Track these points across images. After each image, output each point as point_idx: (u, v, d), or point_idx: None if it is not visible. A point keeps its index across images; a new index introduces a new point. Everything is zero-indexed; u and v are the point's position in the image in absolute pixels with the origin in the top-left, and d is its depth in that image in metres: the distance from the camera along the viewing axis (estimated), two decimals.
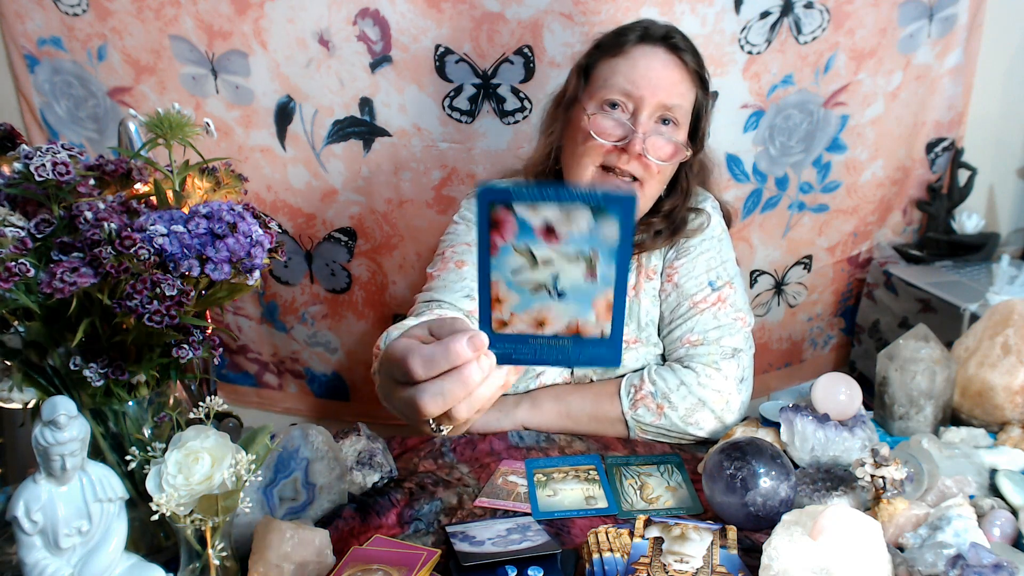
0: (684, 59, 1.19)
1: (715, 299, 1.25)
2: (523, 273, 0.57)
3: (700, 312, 1.25)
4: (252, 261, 0.82)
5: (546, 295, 0.58)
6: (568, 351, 0.59)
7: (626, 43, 1.20)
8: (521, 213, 0.55)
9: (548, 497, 1.04)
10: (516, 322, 0.58)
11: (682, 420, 1.19)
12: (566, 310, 0.58)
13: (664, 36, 1.20)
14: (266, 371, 2.11)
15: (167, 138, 0.90)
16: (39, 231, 0.79)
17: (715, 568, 0.83)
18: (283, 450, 0.98)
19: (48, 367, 0.85)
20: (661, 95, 1.17)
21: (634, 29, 1.22)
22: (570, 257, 0.56)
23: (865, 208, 2.00)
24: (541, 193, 0.54)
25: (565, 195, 0.54)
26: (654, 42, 1.20)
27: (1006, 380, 1.12)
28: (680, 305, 1.26)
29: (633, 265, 1.29)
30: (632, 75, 1.18)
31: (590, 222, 0.55)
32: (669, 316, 1.28)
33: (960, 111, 1.96)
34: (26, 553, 0.76)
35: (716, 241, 1.30)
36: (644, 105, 1.17)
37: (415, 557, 0.87)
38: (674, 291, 1.27)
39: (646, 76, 1.17)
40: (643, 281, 1.29)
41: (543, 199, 0.54)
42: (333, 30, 1.67)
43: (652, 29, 1.21)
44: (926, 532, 0.86)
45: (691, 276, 1.27)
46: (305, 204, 1.86)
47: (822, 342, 2.18)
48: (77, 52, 1.78)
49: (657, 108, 1.17)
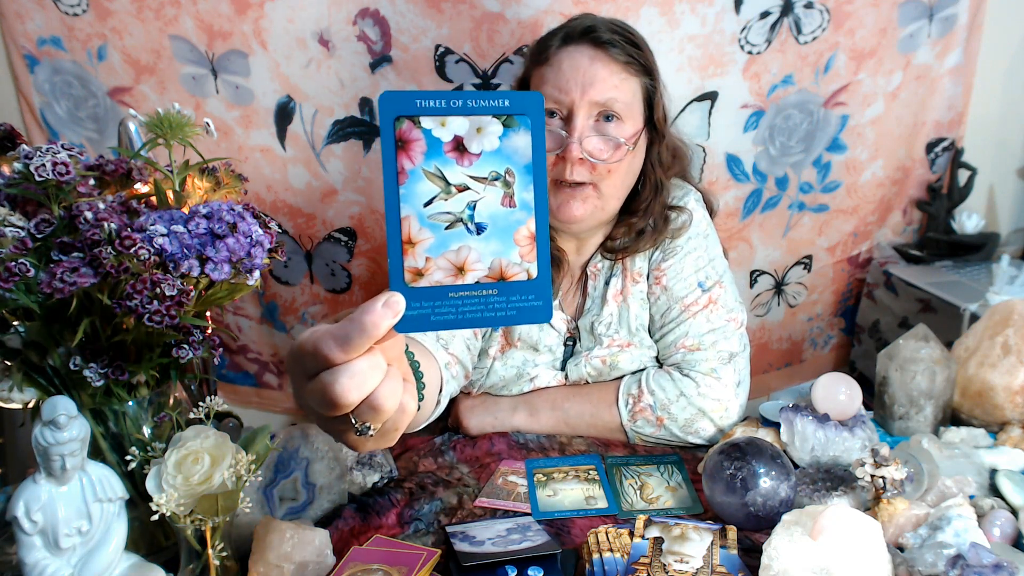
0: (610, 51, 1.14)
1: (706, 301, 1.23)
2: (436, 204, 0.50)
3: (692, 315, 1.23)
4: (252, 261, 0.82)
5: (464, 231, 0.50)
6: (494, 304, 0.51)
7: (550, 49, 1.16)
8: (428, 127, 0.49)
9: (548, 497, 1.04)
10: (432, 269, 0.50)
11: (681, 430, 1.19)
12: (487, 248, 0.51)
13: (585, 31, 1.15)
14: (266, 371, 2.11)
15: (167, 138, 0.90)
16: (39, 231, 0.79)
17: (715, 568, 0.83)
18: (283, 450, 0.98)
19: (48, 367, 0.85)
20: (591, 93, 1.12)
21: (557, 33, 1.18)
22: (485, 179, 0.50)
23: (865, 208, 2.00)
24: (448, 102, 0.49)
25: (472, 102, 0.49)
26: (577, 41, 1.15)
27: (1006, 380, 1.12)
28: (671, 309, 1.24)
29: (619, 270, 1.26)
30: (558, 80, 1.13)
31: (500, 133, 0.49)
32: (660, 320, 1.25)
33: (960, 111, 1.96)
34: (26, 553, 0.76)
35: (702, 239, 1.26)
36: (576, 107, 1.13)
37: (415, 557, 0.87)
38: (663, 294, 1.24)
39: (571, 77, 1.13)
40: (629, 285, 1.26)
41: (451, 110, 0.49)
42: (333, 30, 1.67)
43: (573, 27, 1.17)
44: (926, 532, 0.86)
45: (680, 278, 1.24)
46: (305, 204, 1.86)
47: (822, 342, 2.18)
48: (77, 52, 1.78)
49: (592, 107, 1.13)
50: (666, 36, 1.65)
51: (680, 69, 1.69)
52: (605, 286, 1.26)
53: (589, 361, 1.25)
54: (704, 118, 1.76)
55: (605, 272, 1.27)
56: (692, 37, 1.67)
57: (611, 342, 1.25)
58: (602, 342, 1.25)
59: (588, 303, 1.27)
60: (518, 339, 1.25)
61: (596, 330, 1.25)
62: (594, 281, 1.27)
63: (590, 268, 1.28)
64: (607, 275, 1.27)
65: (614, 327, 1.25)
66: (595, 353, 1.25)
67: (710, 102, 1.74)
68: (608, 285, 1.26)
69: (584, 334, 1.27)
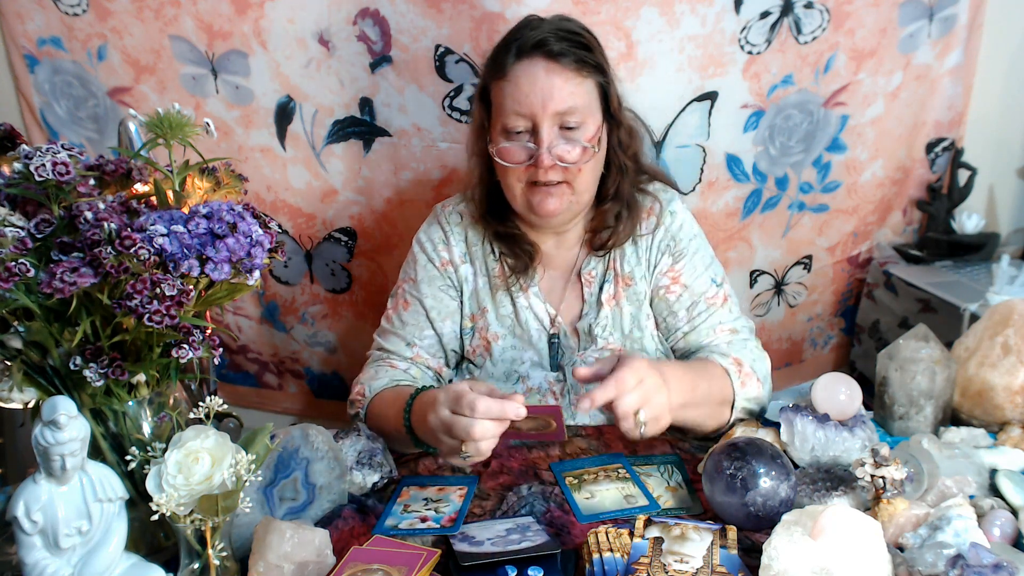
0: (562, 62, 1.18)
1: (723, 296, 1.31)
2: None
3: (718, 307, 1.30)
4: (252, 261, 0.82)
5: None
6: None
7: (506, 65, 1.20)
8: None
9: (587, 500, 1.03)
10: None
11: (765, 387, 1.25)
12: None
13: (537, 45, 1.18)
14: (266, 371, 2.11)
15: (167, 138, 0.90)
16: (39, 231, 0.79)
17: (715, 568, 0.83)
18: (283, 450, 0.98)
19: (48, 367, 0.85)
20: (552, 105, 1.17)
21: (510, 47, 1.21)
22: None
23: (865, 208, 2.00)
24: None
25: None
26: (530, 54, 1.19)
27: (1006, 380, 1.12)
28: (696, 303, 1.29)
29: (611, 276, 1.31)
30: (518, 96, 1.18)
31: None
32: (687, 315, 1.30)
33: (960, 111, 1.96)
34: (26, 553, 0.76)
35: (701, 240, 1.33)
36: (540, 120, 1.17)
37: (415, 557, 0.87)
38: (684, 292, 1.30)
39: (530, 92, 1.17)
40: (621, 290, 1.31)
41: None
42: (333, 30, 1.67)
43: (524, 41, 1.19)
44: (926, 532, 0.86)
45: (696, 276, 1.30)
46: (305, 204, 1.86)
47: (822, 342, 2.18)
48: (77, 52, 1.78)
49: (554, 118, 1.18)
50: (666, 36, 1.65)
51: (680, 69, 1.69)
52: (599, 290, 1.32)
53: (584, 360, 1.29)
54: (704, 118, 1.76)
55: (599, 277, 1.33)
56: (692, 37, 1.67)
57: (605, 344, 1.30)
58: (597, 343, 1.30)
59: (585, 308, 1.33)
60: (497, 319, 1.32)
61: (594, 332, 1.30)
62: (589, 288, 1.33)
63: (584, 275, 1.33)
64: (600, 280, 1.32)
65: (609, 329, 1.31)
66: (590, 354, 1.30)
67: (710, 102, 1.74)
68: (602, 290, 1.32)
69: (582, 335, 1.32)
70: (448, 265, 1.34)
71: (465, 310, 1.34)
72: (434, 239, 1.35)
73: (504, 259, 1.32)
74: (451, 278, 1.34)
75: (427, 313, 1.32)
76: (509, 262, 1.32)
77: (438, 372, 1.33)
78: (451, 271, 1.34)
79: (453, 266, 1.34)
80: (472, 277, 1.34)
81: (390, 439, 1.15)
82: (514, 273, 1.31)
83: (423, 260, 1.34)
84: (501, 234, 1.31)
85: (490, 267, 1.33)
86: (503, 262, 1.32)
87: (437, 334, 1.32)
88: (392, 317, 1.35)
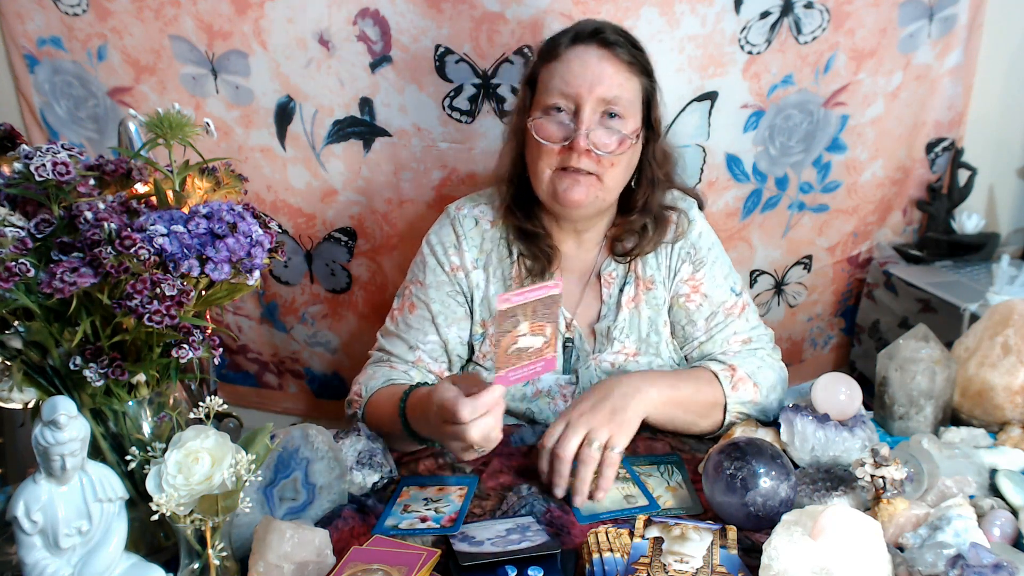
0: (616, 52, 1.21)
1: (741, 305, 1.32)
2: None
3: (736, 317, 1.31)
4: (252, 261, 0.83)
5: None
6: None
7: (560, 47, 1.23)
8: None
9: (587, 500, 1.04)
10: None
11: (768, 395, 1.24)
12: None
13: (594, 32, 1.22)
14: (266, 371, 2.11)
15: (167, 138, 0.90)
16: (39, 231, 0.79)
17: (715, 568, 0.83)
18: (283, 450, 0.98)
19: (48, 367, 0.85)
20: (599, 90, 1.19)
21: (567, 32, 1.25)
22: None
23: (865, 208, 2.00)
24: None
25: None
26: (586, 41, 1.22)
27: (1006, 380, 1.12)
28: (716, 313, 1.31)
29: (632, 278, 1.31)
30: (567, 76, 1.20)
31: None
32: (706, 324, 1.31)
33: (960, 111, 1.96)
34: (26, 553, 0.76)
35: (719, 250, 1.35)
36: (584, 102, 1.19)
37: (415, 557, 0.87)
38: (704, 301, 1.31)
39: (581, 74, 1.20)
40: (641, 293, 1.31)
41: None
42: (333, 30, 1.67)
43: (582, 29, 1.24)
44: (926, 532, 0.86)
45: (716, 285, 1.31)
46: (305, 204, 1.86)
47: (822, 342, 2.18)
48: (77, 52, 1.78)
49: (598, 103, 1.19)
50: (666, 36, 1.65)
51: (680, 69, 1.69)
52: (619, 292, 1.32)
53: (599, 364, 1.30)
54: (704, 118, 1.76)
55: (619, 280, 1.33)
56: (692, 37, 1.66)
57: (621, 348, 1.30)
58: (614, 346, 1.30)
59: (604, 309, 1.32)
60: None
61: (611, 334, 1.30)
62: (608, 288, 1.32)
63: (604, 275, 1.32)
64: (621, 282, 1.32)
65: (626, 332, 1.31)
66: (604, 357, 1.30)
67: (710, 102, 1.74)
68: (622, 292, 1.31)
69: (599, 337, 1.31)
70: (459, 270, 1.32)
71: (475, 316, 1.32)
72: (445, 242, 1.33)
73: (522, 260, 1.31)
74: (460, 284, 1.32)
75: (433, 318, 1.30)
76: (527, 263, 1.30)
77: (439, 376, 1.32)
78: (461, 276, 1.32)
79: (464, 271, 1.31)
80: (484, 284, 1.32)
81: (388, 436, 1.15)
82: (531, 275, 1.29)
83: (432, 263, 1.33)
84: (523, 231, 1.30)
85: (505, 272, 1.31)
86: (521, 263, 1.31)
87: (442, 339, 1.30)
88: (397, 318, 1.33)
